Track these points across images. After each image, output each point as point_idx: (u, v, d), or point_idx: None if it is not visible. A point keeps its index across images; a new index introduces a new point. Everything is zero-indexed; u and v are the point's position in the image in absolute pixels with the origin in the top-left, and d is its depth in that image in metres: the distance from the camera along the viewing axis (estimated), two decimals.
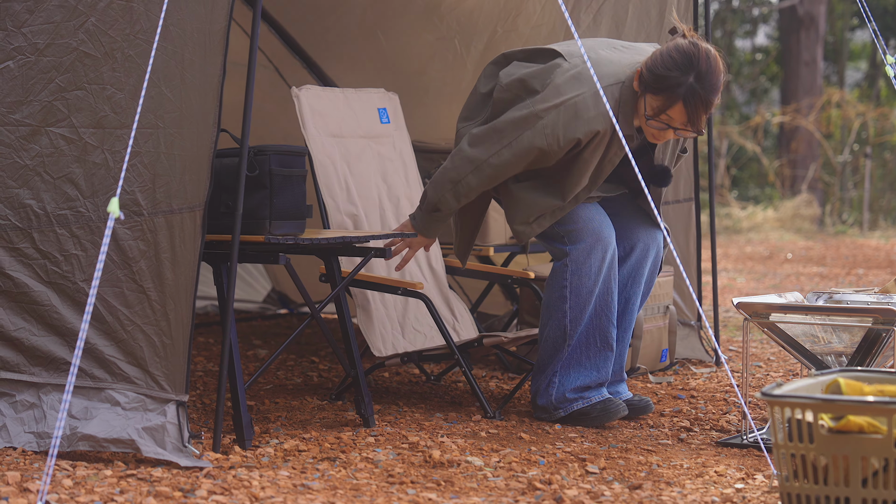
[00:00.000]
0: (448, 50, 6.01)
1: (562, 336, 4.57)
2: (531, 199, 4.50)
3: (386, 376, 5.59)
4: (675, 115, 4.31)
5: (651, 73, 4.29)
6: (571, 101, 4.33)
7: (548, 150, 4.37)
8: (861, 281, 10.20)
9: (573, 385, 4.57)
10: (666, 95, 4.28)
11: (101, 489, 3.53)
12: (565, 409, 4.59)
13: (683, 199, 6.02)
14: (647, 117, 4.34)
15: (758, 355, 6.30)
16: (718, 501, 3.60)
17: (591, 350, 4.57)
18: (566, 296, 4.54)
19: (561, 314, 4.56)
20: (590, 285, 4.52)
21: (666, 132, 4.37)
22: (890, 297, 4.45)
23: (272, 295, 7.53)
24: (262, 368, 4.31)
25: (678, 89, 4.26)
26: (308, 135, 4.93)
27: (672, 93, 4.26)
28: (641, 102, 4.35)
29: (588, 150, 4.38)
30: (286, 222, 4.25)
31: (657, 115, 4.32)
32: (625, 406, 4.58)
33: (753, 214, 15.81)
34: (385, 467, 3.92)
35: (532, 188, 4.51)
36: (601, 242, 4.52)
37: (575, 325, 4.55)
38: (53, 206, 3.87)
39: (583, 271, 4.51)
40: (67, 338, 3.88)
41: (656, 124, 4.35)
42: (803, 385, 3.34)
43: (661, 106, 4.30)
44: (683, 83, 4.25)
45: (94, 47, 3.83)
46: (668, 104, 4.29)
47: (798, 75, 17.49)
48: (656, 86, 4.28)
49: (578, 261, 4.51)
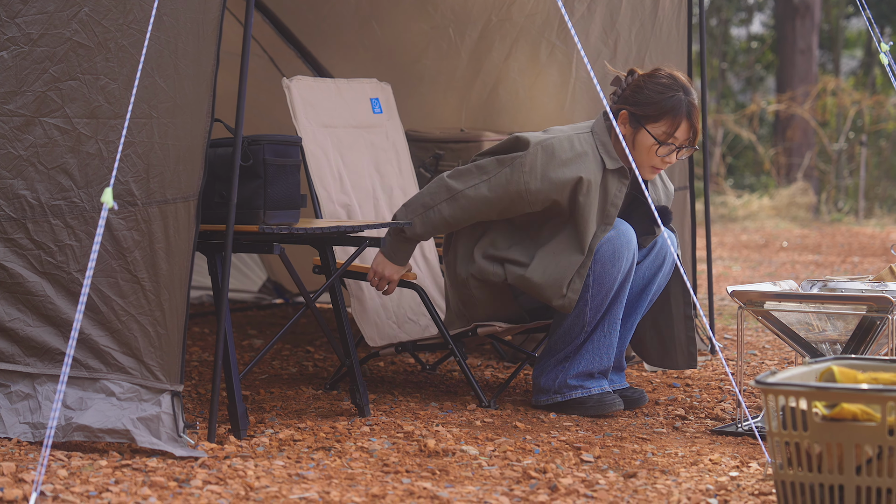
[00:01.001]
0: (442, 39, 6.00)
1: (580, 325, 4.58)
2: (554, 263, 4.52)
3: (381, 366, 5.59)
4: (680, 134, 4.52)
5: (646, 105, 4.52)
6: (548, 141, 4.51)
7: (524, 191, 4.49)
8: (856, 269, 10.21)
9: (577, 370, 4.58)
10: (670, 117, 4.50)
11: (96, 479, 3.53)
12: (563, 395, 4.60)
13: (679, 187, 6.02)
14: (658, 143, 4.51)
15: (753, 343, 6.30)
16: (713, 489, 3.61)
17: (600, 338, 4.59)
18: (589, 285, 4.54)
19: (582, 303, 4.56)
20: (613, 279, 4.52)
21: (670, 156, 4.54)
22: (884, 284, 4.45)
23: (267, 285, 7.52)
24: (257, 358, 4.31)
25: (680, 107, 4.50)
26: (300, 126, 4.92)
27: (676, 112, 4.50)
28: (641, 137, 4.53)
29: (581, 194, 4.47)
30: (280, 212, 4.25)
31: (667, 140, 4.51)
32: (621, 402, 4.59)
33: (749, 203, 15.82)
34: (380, 456, 3.93)
35: (551, 252, 4.54)
36: (629, 242, 4.54)
37: (595, 314, 4.57)
38: (47, 196, 3.87)
39: (609, 266, 4.52)
40: (62, 328, 3.88)
41: (665, 150, 4.52)
42: (797, 373, 3.34)
43: (668, 129, 4.51)
44: (682, 100, 4.50)
45: (87, 37, 3.83)
46: (674, 124, 4.51)
47: (793, 63, 17.49)
48: (656, 113, 4.50)
49: (606, 256, 4.52)
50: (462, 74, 6.03)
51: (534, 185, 4.49)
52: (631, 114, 4.54)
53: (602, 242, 4.51)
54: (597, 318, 4.58)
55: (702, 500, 3.50)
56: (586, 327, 4.58)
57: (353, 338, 4.56)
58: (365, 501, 3.43)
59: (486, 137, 5.56)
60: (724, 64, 20.38)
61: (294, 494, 3.47)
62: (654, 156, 4.54)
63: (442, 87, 6.09)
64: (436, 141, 5.61)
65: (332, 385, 5.00)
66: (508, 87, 6.00)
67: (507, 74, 5.98)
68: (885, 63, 5.09)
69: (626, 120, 4.55)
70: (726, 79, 20.63)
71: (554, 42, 5.86)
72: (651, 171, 4.59)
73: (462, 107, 6.10)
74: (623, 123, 4.56)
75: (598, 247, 4.50)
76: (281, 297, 7.50)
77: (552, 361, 4.64)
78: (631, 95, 4.57)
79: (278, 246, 4.25)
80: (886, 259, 10.84)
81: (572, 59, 5.87)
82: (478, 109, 6.07)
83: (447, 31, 5.97)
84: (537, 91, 5.98)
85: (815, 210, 15.84)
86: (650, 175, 4.61)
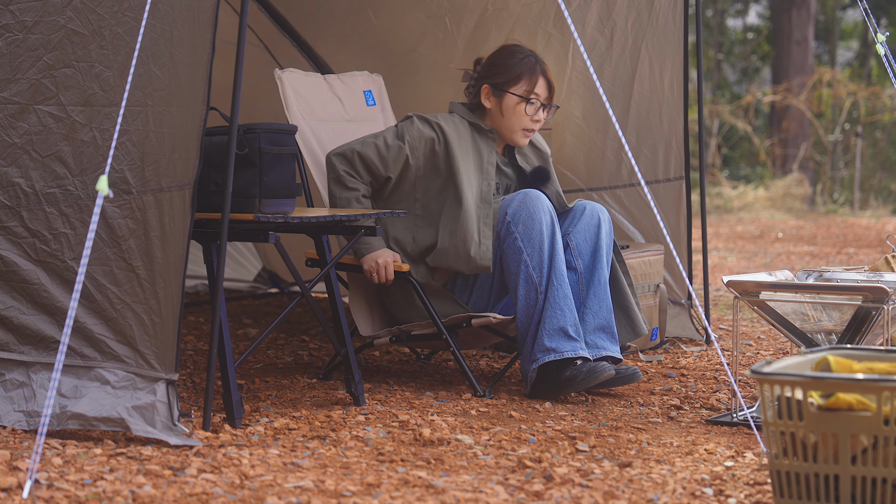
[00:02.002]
0: (439, 28, 5.99)
1: (532, 288, 4.65)
2: (454, 223, 4.75)
3: (376, 355, 5.59)
4: (540, 91, 4.88)
5: (503, 72, 4.88)
6: (415, 114, 4.89)
7: (393, 145, 4.81)
8: (852, 260, 10.21)
9: (547, 331, 4.61)
10: (527, 76, 4.86)
11: (90, 468, 3.53)
12: (540, 359, 4.59)
13: (674, 177, 6.02)
14: (524, 100, 4.84)
15: (748, 334, 6.30)
16: (708, 479, 3.61)
17: (555, 294, 4.64)
18: (521, 247, 4.65)
19: (524, 266, 4.65)
20: (539, 233, 4.64)
21: (537, 114, 4.87)
22: (880, 275, 4.45)
23: (262, 274, 7.52)
24: (252, 347, 4.30)
25: (534, 66, 4.88)
26: (292, 117, 4.92)
27: (532, 71, 4.87)
28: (506, 101, 4.87)
29: (452, 146, 4.79)
30: (276, 200, 4.24)
31: (530, 97, 4.85)
32: (611, 368, 4.58)
33: (744, 194, 15.82)
34: (375, 445, 3.92)
35: (447, 218, 4.78)
36: (538, 197, 4.70)
37: (540, 271, 4.64)
38: (42, 184, 3.86)
39: (530, 222, 4.65)
40: (57, 316, 3.87)
41: (532, 108, 4.86)
42: (793, 363, 3.34)
43: (528, 87, 4.86)
44: (534, 60, 4.89)
45: (81, 24, 3.82)
46: (532, 81, 4.86)
47: (789, 54, 17.48)
48: (515, 75, 4.87)
49: (523, 215, 4.66)
50: (458, 63, 6.02)
51: (405, 137, 4.82)
52: (492, 86, 4.88)
53: (516, 207, 4.67)
54: (544, 276, 4.63)
55: (697, 490, 3.50)
56: (539, 287, 4.63)
57: (348, 327, 4.55)
58: (360, 490, 3.43)
59: None
60: (719, 55, 20.38)
61: (289, 483, 3.46)
62: (523, 116, 4.87)
63: (438, 76, 6.08)
64: None
65: (326, 374, 4.99)
66: None
67: None
68: (882, 54, 5.09)
69: (489, 93, 4.89)
70: (722, 70, 20.62)
71: (550, 31, 5.85)
72: (523, 135, 4.91)
73: (458, 96, 6.09)
74: (487, 97, 4.89)
75: (515, 211, 4.67)
76: (276, 287, 7.49)
77: (528, 342, 4.65)
78: (487, 71, 4.92)
79: (274, 234, 4.24)
80: (882, 250, 10.85)
81: (569, 48, 5.86)
82: None
83: (443, 21, 5.96)
84: None
85: (810, 201, 15.84)
86: (523, 140, 4.92)
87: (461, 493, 3.42)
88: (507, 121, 4.89)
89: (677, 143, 6.02)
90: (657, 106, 5.98)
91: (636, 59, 5.89)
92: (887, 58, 5.09)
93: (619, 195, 6.06)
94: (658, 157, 6.01)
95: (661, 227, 5.93)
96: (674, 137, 6.02)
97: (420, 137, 4.81)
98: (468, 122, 4.90)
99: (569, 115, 5.95)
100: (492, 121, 4.93)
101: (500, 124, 4.91)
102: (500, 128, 4.91)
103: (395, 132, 4.83)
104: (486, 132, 4.90)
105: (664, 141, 6.02)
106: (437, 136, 4.81)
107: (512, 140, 4.93)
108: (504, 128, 4.91)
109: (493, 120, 4.93)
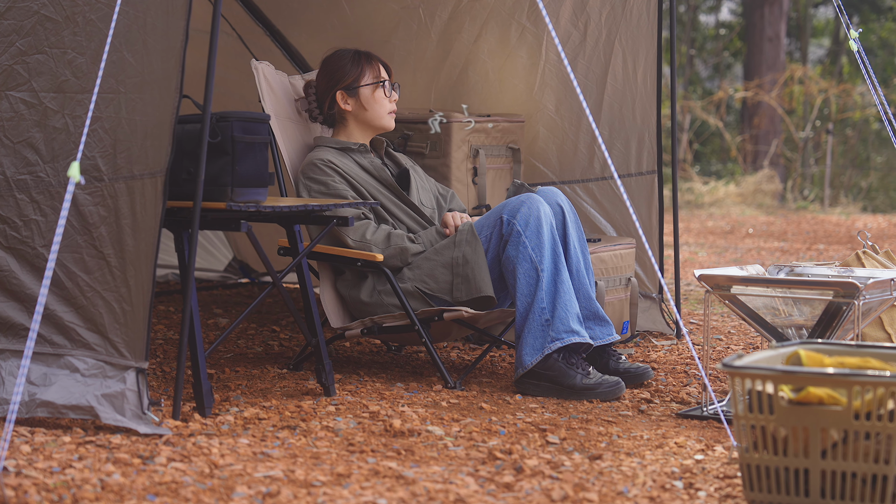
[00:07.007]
0: (412, 19, 5.98)
1: (532, 269, 4.65)
2: (380, 230, 4.86)
3: (347, 346, 5.58)
4: (383, 73, 5.08)
5: (347, 73, 5.04)
6: (308, 164, 4.95)
7: (339, 182, 4.90)
8: (821, 256, 10.25)
9: (571, 311, 4.63)
10: (366, 65, 5.05)
11: (59, 455, 3.51)
12: (565, 339, 4.61)
13: (647, 171, 6.03)
14: (378, 83, 5.02)
15: (718, 328, 6.32)
16: (678, 472, 3.62)
17: (558, 278, 4.67)
18: (520, 230, 4.68)
19: (522, 248, 4.66)
20: (543, 225, 4.68)
21: (393, 94, 5.07)
22: (851, 270, 4.46)
23: (233, 264, 7.50)
24: (222, 336, 4.29)
25: (367, 55, 5.08)
26: (266, 108, 4.91)
27: (367, 59, 5.06)
28: (363, 94, 5.02)
29: (343, 175, 4.90)
30: (248, 189, 4.23)
31: (378, 82, 5.02)
32: (623, 386, 4.63)
33: (715, 189, 15.86)
34: (345, 436, 3.92)
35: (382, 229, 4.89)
36: (537, 197, 4.75)
37: (539, 253, 4.65)
38: (13, 170, 3.84)
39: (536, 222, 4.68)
40: (26, 303, 3.85)
41: (387, 89, 5.06)
42: (764, 357, 3.35)
43: (374, 73, 5.05)
44: (360, 52, 5.09)
45: (55, 11, 3.80)
46: (373, 68, 5.05)
47: (761, 51, 17.53)
48: (357, 70, 5.04)
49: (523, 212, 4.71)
50: (431, 55, 6.01)
51: (331, 179, 4.88)
52: (344, 89, 5.02)
53: (522, 210, 4.70)
54: (544, 256, 4.65)
55: (667, 483, 3.51)
56: (539, 266, 4.64)
57: (319, 317, 4.54)
58: (330, 480, 3.42)
59: (455, 118, 5.55)
60: (692, 50, 20.42)
61: (259, 472, 3.46)
62: (383, 100, 5.04)
63: (411, 67, 6.07)
64: (404, 122, 5.59)
65: (296, 365, 4.98)
66: (478, 69, 5.99)
67: (476, 56, 5.97)
68: (855, 50, 5.11)
69: (345, 97, 5.03)
70: (694, 65, 20.66)
71: (524, 24, 5.84)
72: (390, 118, 5.08)
73: (431, 88, 6.09)
74: (344, 102, 5.03)
75: (516, 211, 4.71)
76: (247, 277, 7.47)
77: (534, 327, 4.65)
78: (329, 81, 5.04)
79: (245, 224, 4.23)
80: (851, 247, 10.89)
81: (542, 41, 5.86)
82: (447, 90, 6.06)
83: (417, 12, 5.95)
84: (507, 73, 5.97)
85: (780, 197, 15.89)
86: (391, 122, 5.09)
87: (431, 484, 3.42)
88: (372, 111, 5.03)
89: (650, 137, 6.02)
90: (630, 100, 5.98)
91: (609, 52, 5.90)
92: (860, 54, 5.11)
93: (592, 188, 6.06)
94: (631, 150, 6.02)
95: (633, 220, 5.94)
96: (646, 131, 6.03)
97: (334, 171, 4.89)
98: (337, 149, 4.97)
99: (542, 108, 5.95)
100: (356, 123, 5.04)
101: (367, 118, 5.03)
102: (367, 122, 5.04)
103: (327, 179, 4.87)
104: (357, 149, 5.00)
105: (637, 135, 6.03)
106: (338, 171, 4.90)
107: (383, 126, 5.07)
108: (372, 119, 5.04)
109: (357, 121, 5.04)
